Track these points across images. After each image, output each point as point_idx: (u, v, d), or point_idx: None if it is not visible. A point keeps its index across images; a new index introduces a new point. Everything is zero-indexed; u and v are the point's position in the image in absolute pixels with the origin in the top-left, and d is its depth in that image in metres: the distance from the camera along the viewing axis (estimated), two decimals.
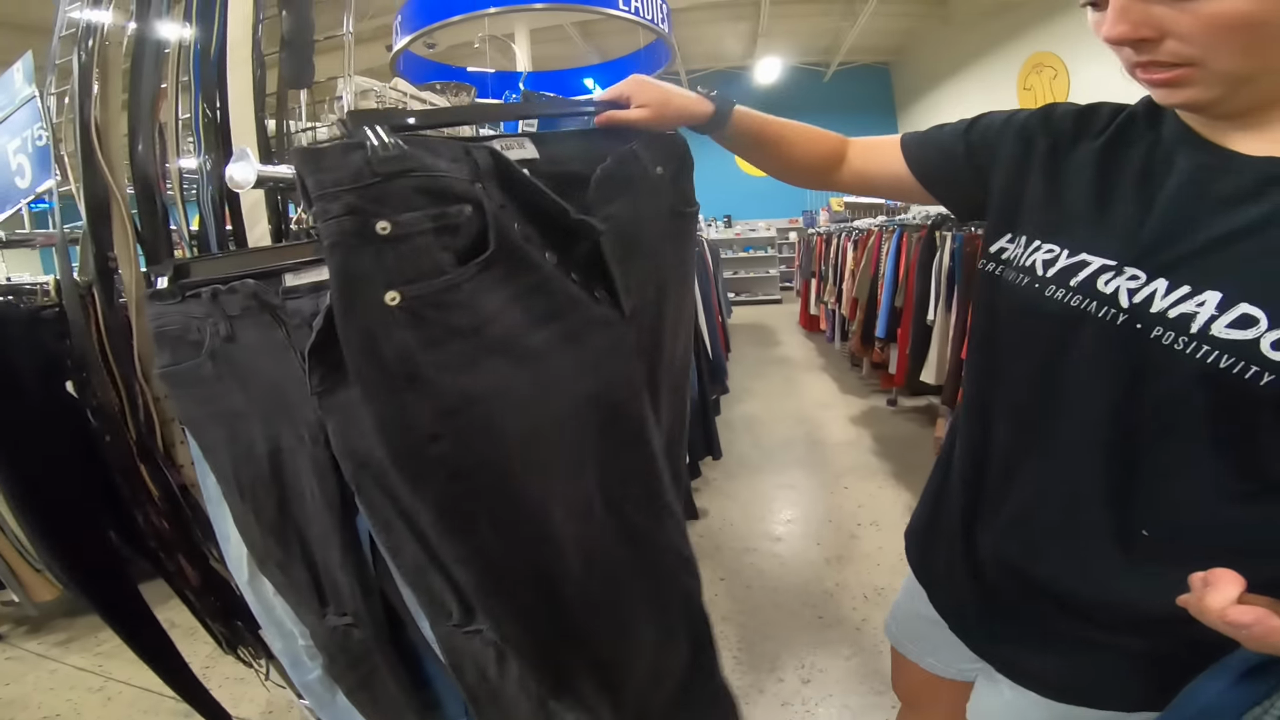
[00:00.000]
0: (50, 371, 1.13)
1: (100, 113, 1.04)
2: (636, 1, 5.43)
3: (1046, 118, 0.75)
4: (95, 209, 0.99)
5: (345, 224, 0.56)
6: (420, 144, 0.62)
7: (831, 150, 0.94)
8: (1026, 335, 0.69)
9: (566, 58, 9.48)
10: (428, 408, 0.59)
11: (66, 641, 2.33)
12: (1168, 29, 0.53)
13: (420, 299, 0.58)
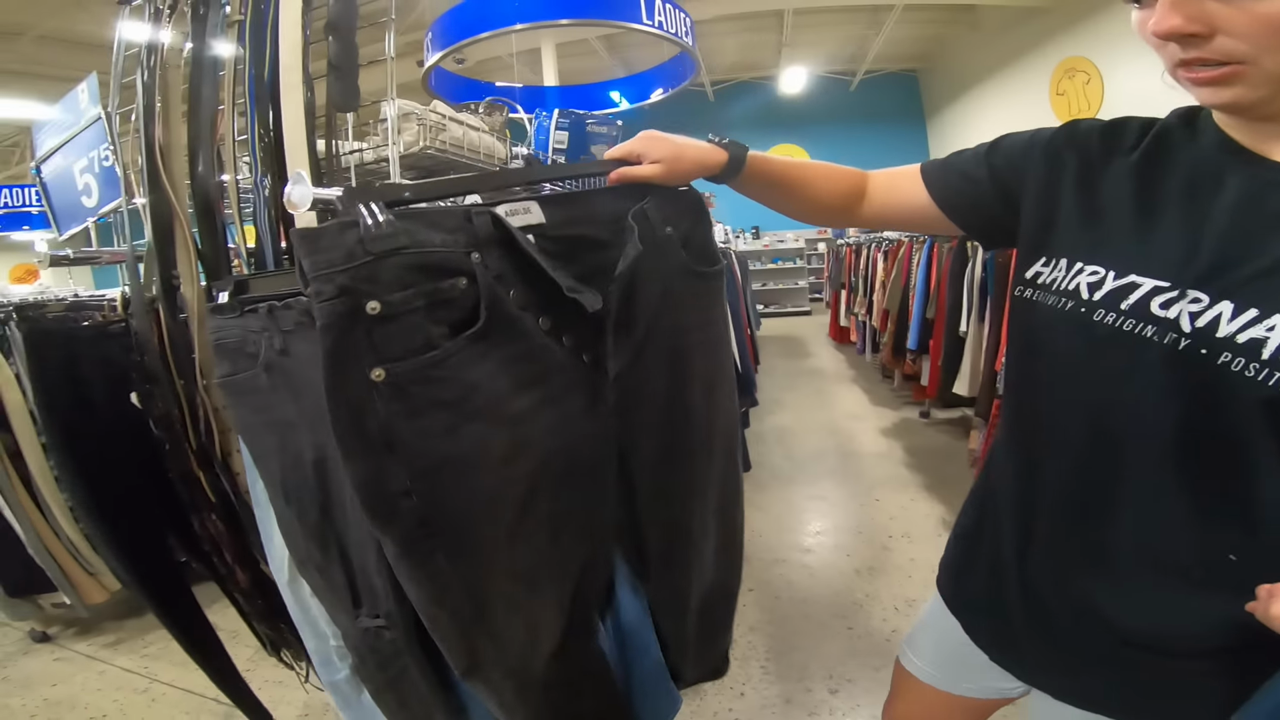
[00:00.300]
0: (116, 383, 1.18)
1: (163, 133, 1.09)
2: (661, 15, 5.47)
3: (1072, 134, 0.73)
4: (160, 227, 1.04)
5: (337, 306, 0.58)
6: (418, 216, 0.63)
7: (850, 187, 0.92)
8: (1076, 363, 0.66)
9: (592, 71, 9.59)
10: (404, 470, 0.62)
11: (114, 643, 2.40)
12: (1219, 25, 0.52)
13: (405, 374, 0.60)
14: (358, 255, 0.58)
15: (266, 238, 1.10)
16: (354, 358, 0.59)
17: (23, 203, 8.12)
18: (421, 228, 0.62)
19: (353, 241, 0.58)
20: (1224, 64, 0.54)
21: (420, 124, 1.27)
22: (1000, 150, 0.78)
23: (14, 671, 2.23)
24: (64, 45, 7.38)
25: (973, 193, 0.80)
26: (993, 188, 0.77)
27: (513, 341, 0.67)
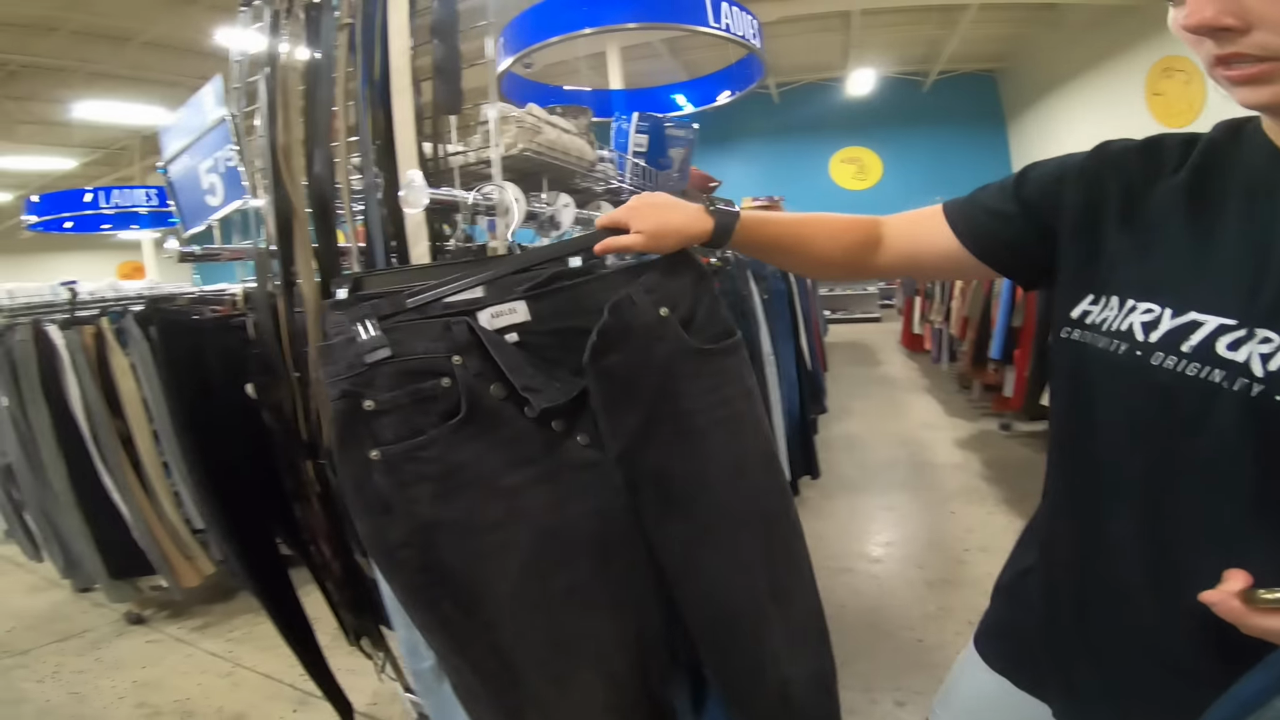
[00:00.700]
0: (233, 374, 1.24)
1: (283, 135, 1.13)
2: (727, 18, 5.45)
3: (1106, 157, 0.67)
4: (282, 226, 1.08)
5: (342, 405, 0.73)
6: (405, 328, 0.76)
7: (863, 238, 0.86)
8: (1134, 412, 0.60)
9: (655, 74, 9.63)
10: (399, 528, 0.75)
11: (203, 627, 2.52)
12: (1256, 18, 0.48)
13: (396, 455, 0.74)
14: (356, 366, 0.74)
15: (377, 236, 1.13)
16: (356, 443, 0.74)
17: (132, 203, 8.70)
18: (408, 338, 0.75)
19: (352, 355, 0.74)
20: (1262, 60, 0.49)
21: (519, 126, 1.29)
22: (1030, 181, 0.72)
23: (108, 653, 2.36)
24: (169, 51, 7.86)
25: (1004, 230, 0.73)
26: (1026, 223, 0.71)
27: (497, 427, 0.77)
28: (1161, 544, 0.60)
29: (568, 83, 7.60)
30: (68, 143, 9.63)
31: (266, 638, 2.36)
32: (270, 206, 1.09)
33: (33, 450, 2.21)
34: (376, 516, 0.75)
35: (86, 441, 2.18)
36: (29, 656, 2.34)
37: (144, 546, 2.30)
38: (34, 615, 2.68)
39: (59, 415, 2.14)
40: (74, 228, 9.12)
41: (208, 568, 2.46)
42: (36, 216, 8.80)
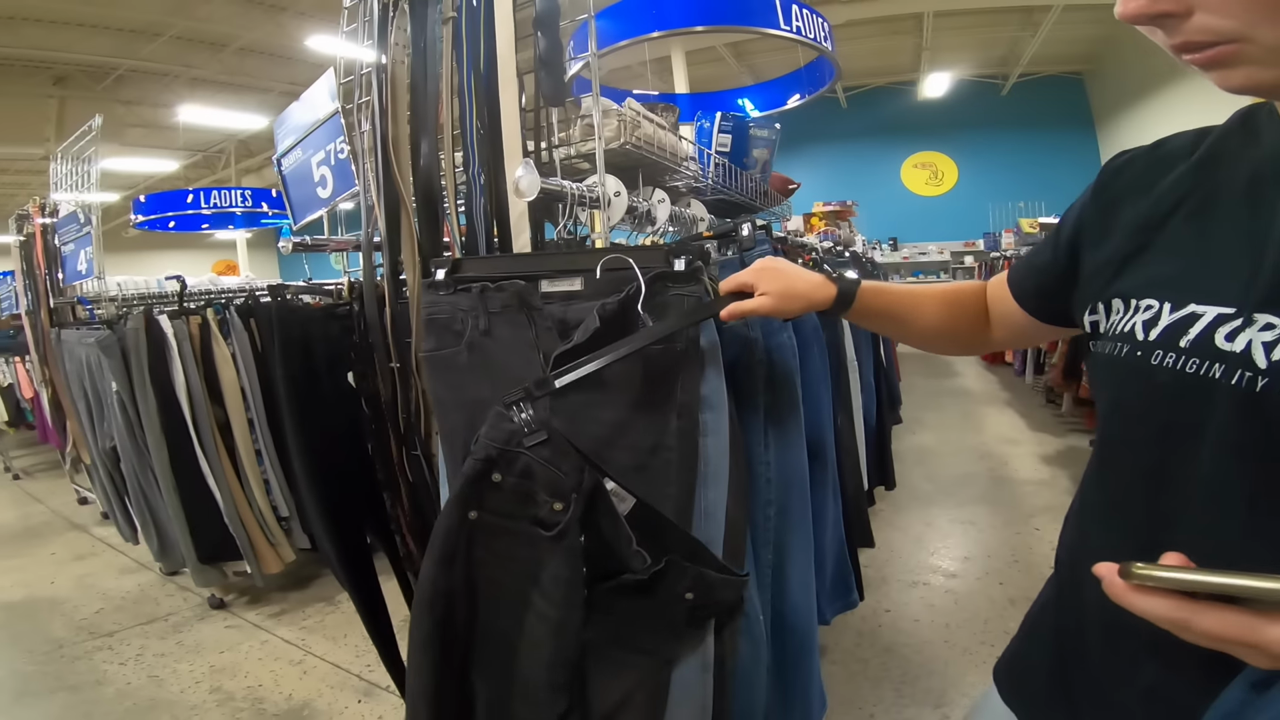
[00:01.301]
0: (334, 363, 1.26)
1: (393, 129, 1.15)
2: (798, 21, 5.36)
3: (1115, 167, 0.64)
4: (391, 217, 1.09)
5: (477, 468, 0.84)
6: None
7: (974, 312, 0.83)
8: (1137, 421, 0.54)
9: (719, 79, 9.58)
10: (447, 580, 0.85)
11: (279, 614, 2.59)
12: (1194, 1, 0.43)
13: (487, 523, 0.85)
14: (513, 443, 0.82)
15: (480, 226, 1.13)
16: (464, 501, 0.84)
17: (229, 204, 9.23)
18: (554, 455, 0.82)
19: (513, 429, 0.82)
20: (1214, 43, 0.44)
21: (621, 120, 1.27)
22: (1064, 224, 0.68)
23: (188, 636, 2.44)
24: (262, 57, 8.28)
25: (1050, 284, 0.69)
26: (1066, 263, 0.67)
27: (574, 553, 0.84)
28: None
29: (632, 87, 7.63)
30: (171, 146, 10.25)
31: (337, 627, 2.43)
32: (380, 198, 1.10)
33: (138, 434, 2.33)
34: (441, 565, 0.84)
35: (188, 427, 2.28)
36: (114, 639, 2.44)
37: (233, 531, 2.39)
38: (122, 597, 2.80)
39: (164, 401, 2.25)
40: (176, 227, 9.73)
41: (289, 555, 2.54)
42: (143, 216, 9.41)
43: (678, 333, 0.89)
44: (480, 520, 0.84)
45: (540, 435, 0.82)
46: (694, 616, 0.88)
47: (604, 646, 0.90)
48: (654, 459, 0.92)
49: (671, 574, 0.87)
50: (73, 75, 7.91)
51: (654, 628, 0.89)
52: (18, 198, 9.65)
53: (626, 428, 0.91)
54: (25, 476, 5.03)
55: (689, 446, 0.90)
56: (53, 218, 3.26)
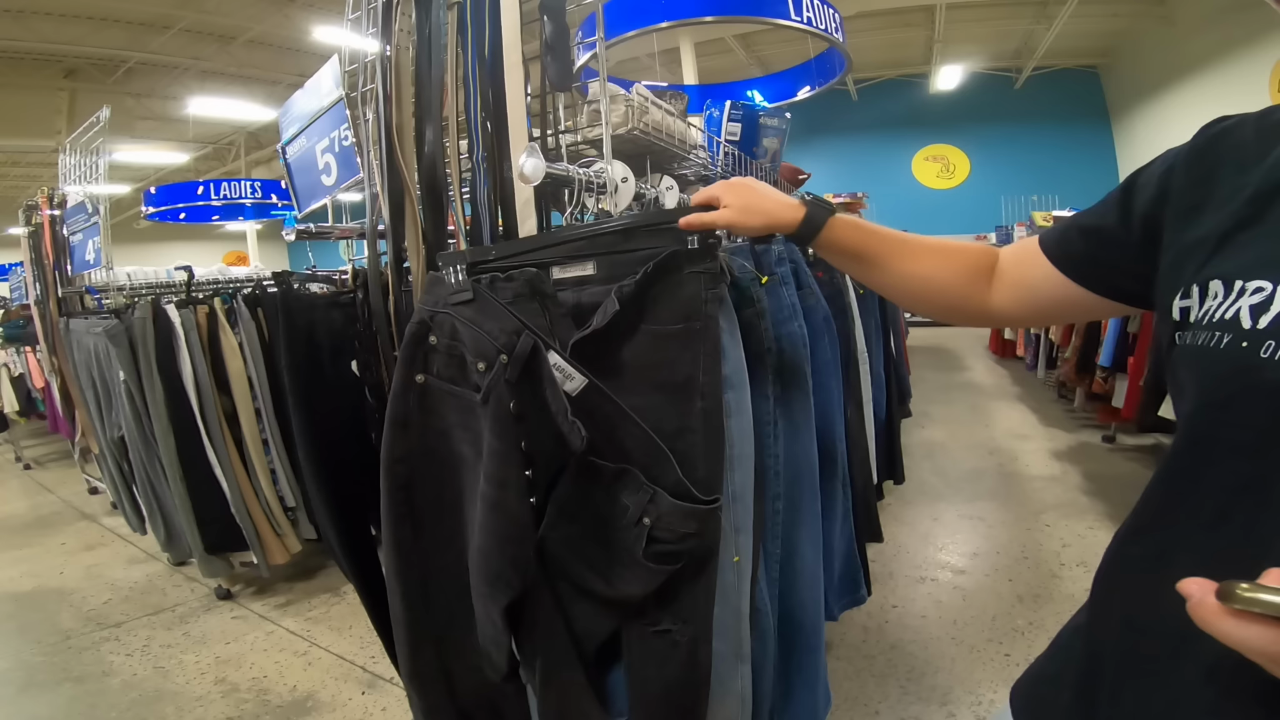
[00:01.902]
0: (338, 351, 1.25)
1: (397, 116, 1.13)
2: (809, 11, 5.32)
3: (1215, 133, 0.56)
4: (395, 205, 1.08)
5: (414, 330, 0.88)
6: (487, 308, 0.86)
7: (975, 266, 0.74)
8: (1237, 424, 0.45)
9: (727, 70, 9.52)
10: (404, 444, 0.89)
11: (284, 605, 2.58)
12: None
13: (434, 386, 0.89)
14: (442, 303, 0.86)
15: (485, 214, 1.11)
16: (411, 363, 0.88)
17: (239, 195, 9.28)
18: (478, 314, 0.85)
19: (443, 293, 0.87)
20: None
21: (628, 105, 1.25)
22: (1137, 187, 0.60)
23: (195, 627, 2.44)
24: (270, 49, 8.30)
25: (1106, 247, 0.62)
26: (1140, 234, 0.59)
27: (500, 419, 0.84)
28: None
29: (641, 79, 7.59)
30: (182, 138, 10.30)
31: (342, 618, 2.43)
32: (384, 185, 1.09)
33: (145, 424, 2.33)
34: (395, 429, 0.88)
35: (195, 417, 2.28)
36: (121, 629, 2.45)
37: (239, 522, 2.39)
38: (130, 587, 2.81)
39: (171, 390, 2.25)
40: (187, 218, 9.80)
41: (295, 546, 2.54)
42: (153, 207, 9.47)
43: (695, 313, 0.86)
44: (428, 385, 0.87)
45: (465, 294, 0.83)
46: (654, 552, 0.83)
47: (569, 570, 0.89)
48: (679, 443, 0.87)
49: (627, 487, 0.83)
50: (83, 68, 7.94)
51: (611, 553, 0.85)
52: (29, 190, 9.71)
53: (648, 412, 0.86)
54: (36, 466, 5.06)
55: (714, 428, 0.87)
56: (61, 208, 3.26)
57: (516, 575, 0.84)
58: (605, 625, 0.92)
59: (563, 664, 0.90)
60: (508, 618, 0.86)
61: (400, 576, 0.92)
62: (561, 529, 0.88)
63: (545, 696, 0.90)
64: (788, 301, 1.10)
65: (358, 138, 1.17)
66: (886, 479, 2.83)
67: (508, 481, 0.82)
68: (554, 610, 0.89)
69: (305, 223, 1.29)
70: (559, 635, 0.90)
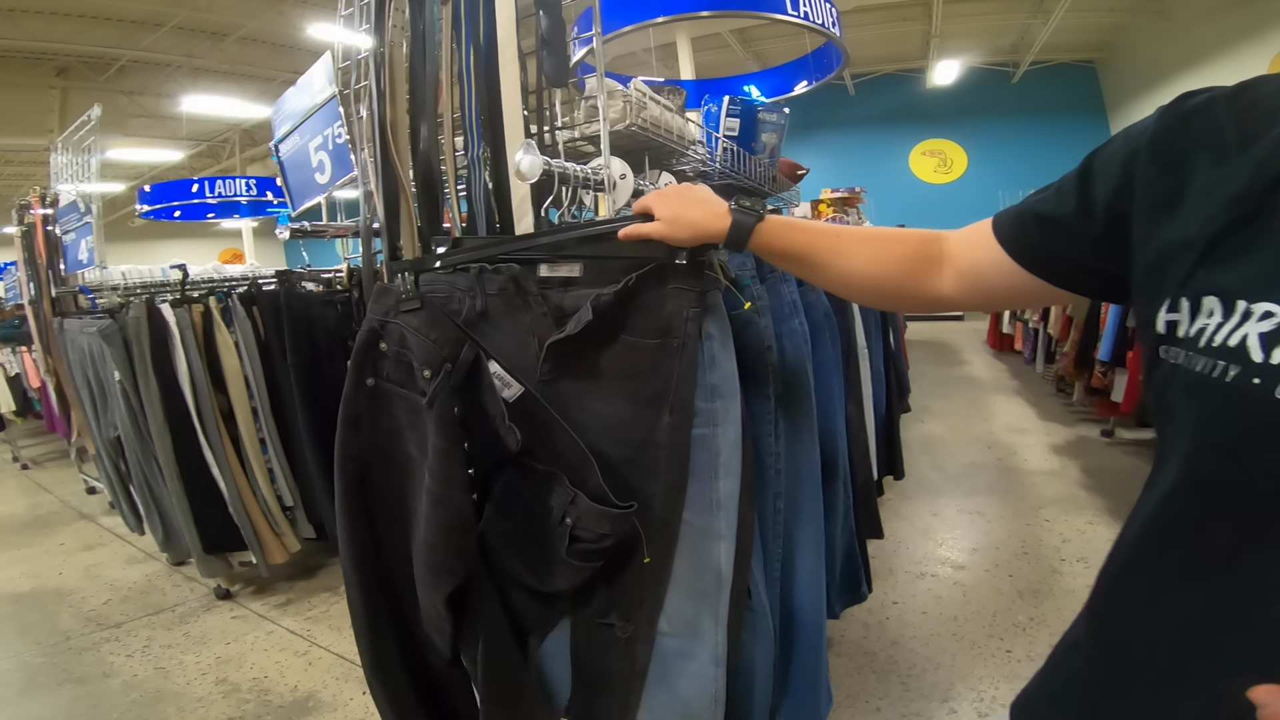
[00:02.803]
0: (332, 350, 1.23)
1: (391, 112, 1.12)
2: (805, 6, 5.30)
3: (1184, 114, 0.50)
4: (390, 203, 1.06)
5: (364, 338, 0.91)
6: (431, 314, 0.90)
7: (915, 252, 0.72)
8: (1244, 469, 0.42)
9: (724, 66, 9.49)
10: (356, 443, 0.93)
11: (284, 604, 2.57)
12: None
13: (383, 389, 0.92)
14: (392, 313, 0.90)
15: (480, 209, 1.10)
16: (361, 367, 0.91)
17: (234, 193, 9.25)
18: (425, 324, 0.89)
19: (390, 301, 0.90)
20: None
21: (626, 101, 1.24)
22: (1095, 173, 0.55)
23: (194, 627, 2.43)
24: (264, 46, 8.26)
25: (1065, 240, 0.57)
26: (1103, 227, 0.54)
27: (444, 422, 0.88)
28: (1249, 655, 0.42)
29: (637, 74, 7.56)
30: (175, 135, 10.25)
31: (341, 617, 2.41)
32: (379, 182, 1.07)
33: (141, 423, 2.31)
34: (348, 428, 0.92)
35: (191, 416, 2.27)
36: (121, 630, 2.44)
37: (237, 521, 2.38)
38: (129, 587, 2.80)
39: (167, 390, 2.23)
40: (182, 216, 9.76)
41: (294, 545, 2.53)
42: (148, 205, 9.43)
43: (674, 330, 0.87)
44: (378, 387, 0.91)
45: (413, 304, 0.88)
46: (576, 550, 0.88)
47: (505, 563, 0.94)
48: (643, 454, 0.90)
49: (555, 489, 0.89)
50: (75, 66, 7.89)
51: (541, 550, 0.91)
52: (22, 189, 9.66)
53: (616, 421, 0.90)
54: (34, 466, 5.05)
55: (679, 444, 0.89)
56: (53, 208, 3.24)
57: (460, 565, 0.89)
58: (552, 617, 0.99)
59: (502, 649, 0.95)
60: (450, 605, 0.91)
61: (357, 569, 0.95)
62: (499, 524, 0.94)
63: (487, 680, 0.95)
64: (788, 298, 1.09)
65: (351, 135, 1.16)
66: (886, 475, 2.82)
67: (451, 478, 0.87)
68: (493, 595, 0.95)
69: (300, 221, 1.27)
70: (499, 623, 0.96)
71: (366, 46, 1.20)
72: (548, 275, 0.94)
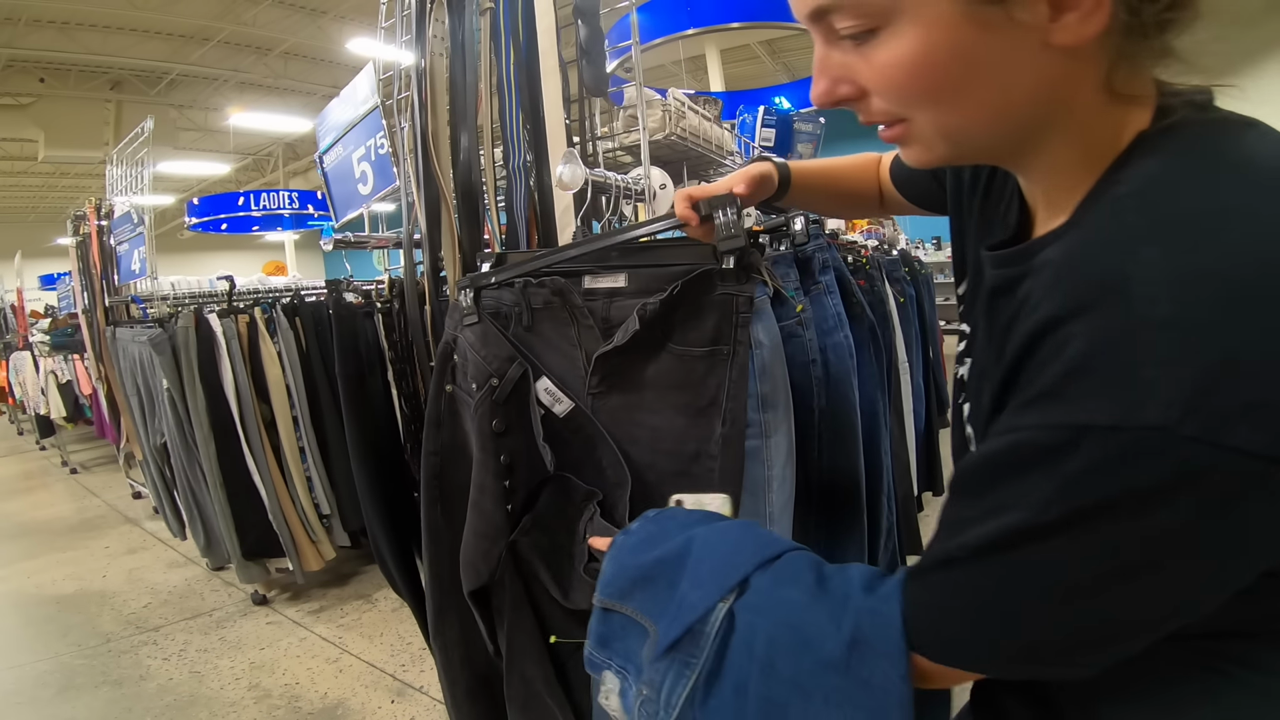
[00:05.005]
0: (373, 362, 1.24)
1: (432, 123, 1.12)
2: None
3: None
4: (431, 214, 1.06)
5: (443, 349, 0.99)
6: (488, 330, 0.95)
7: (875, 176, 0.90)
8: None
9: (754, 77, 9.48)
10: (436, 439, 1.02)
11: (318, 611, 2.60)
12: (867, 83, 0.43)
13: (458, 394, 0.99)
14: (456, 328, 0.97)
15: (521, 220, 1.10)
16: (442, 375, 0.99)
17: (278, 206, 9.49)
18: (479, 340, 0.95)
19: (458, 317, 0.96)
20: (893, 122, 0.45)
21: (665, 110, 1.23)
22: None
23: (230, 632, 2.46)
24: (306, 61, 8.50)
25: (921, 180, 0.76)
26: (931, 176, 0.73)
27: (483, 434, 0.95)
28: None
29: (667, 86, 7.58)
30: (223, 149, 10.58)
31: (373, 625, 2.43)
32: (420, 193, 1.08)
33: (187, 430, 2.36)
34: (431, 427, 1.00)
35: (235, 424, 2.31)
36: (159, 633, 2.48)
37: (276, 528, 2.41)
38: (169, 591, 2.85)
39: (213, 398, 2.28)
40: (228, 229, 10.03)
41: (330, 552, 2.56)
42: (196, 218, 9.73)
43: (724, 337, 0.85)
44: (454, 393, 0.99)
45: (471, 318, 0.93)
46: (591, 568, 0.89)
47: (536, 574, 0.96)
48: (696, 466, 0.88)
49: (586, 507, 0.91)
50: (128, 80, 8.20)
51: (569, 566, 0.93)
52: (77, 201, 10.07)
53: (668, 432, 0.89)
54: (83, 470, 5.21)
55: (734, 454, 0.86)
56: (108, 219, 3.35)
57: (485, 568, 0.95)
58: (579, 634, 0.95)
59: (527, 658, 0.98)
60: (476, 600, 0.98)
61: (430, 551, 1.04)
62: (534, 536, 0.96)
63: (508, 682, 1.00)
64: (832, 310, 1.06)
65: (393, 146, 1.16)
66: (926, 490, 2.74)
67: (485, 486, 0.93)
68: (522, 605, 0.98)
69: (343, 232, 1.28)
70: (526, 631, 0.98)
71: (407, 58, 1.21)
72: (593, 287, 0.93)
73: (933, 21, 0.39)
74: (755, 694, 0.43)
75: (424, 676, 2.05)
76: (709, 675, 0.45)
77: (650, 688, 0.47)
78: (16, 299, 6.18)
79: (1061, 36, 0.38)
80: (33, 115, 7.88)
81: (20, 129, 8.06)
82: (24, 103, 7.83)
